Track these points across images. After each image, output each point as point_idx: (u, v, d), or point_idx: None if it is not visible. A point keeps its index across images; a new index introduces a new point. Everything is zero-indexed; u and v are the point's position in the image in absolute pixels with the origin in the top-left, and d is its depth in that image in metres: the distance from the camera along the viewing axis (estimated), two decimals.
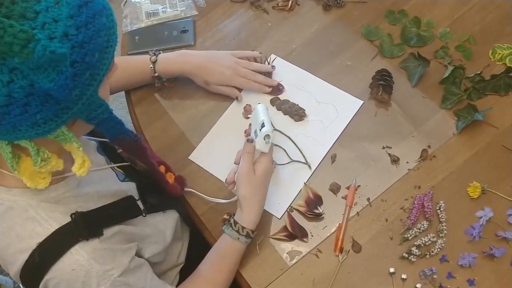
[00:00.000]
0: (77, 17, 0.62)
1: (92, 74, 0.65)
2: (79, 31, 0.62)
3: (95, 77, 0.66)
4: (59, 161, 0.71)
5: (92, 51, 0.64)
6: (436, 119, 1.05)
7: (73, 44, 0.61)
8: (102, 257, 0.75)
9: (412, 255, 0.92)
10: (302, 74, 1.13)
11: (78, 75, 0.63)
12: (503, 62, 1.09)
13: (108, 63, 0.68)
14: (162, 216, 0.94)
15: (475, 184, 0.97)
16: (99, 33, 0.65)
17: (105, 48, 0.66)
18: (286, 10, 1.23)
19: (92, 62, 0.64)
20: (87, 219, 0.76)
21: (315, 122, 1.08)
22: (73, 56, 0.61)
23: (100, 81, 0.67)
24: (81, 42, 0.62)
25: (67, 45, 0.60)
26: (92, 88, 0.66)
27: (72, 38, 0.61)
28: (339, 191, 1.00)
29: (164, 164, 0.98)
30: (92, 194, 0.82)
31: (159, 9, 1.26)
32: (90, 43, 0.63)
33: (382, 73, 1.06)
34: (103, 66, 0.67)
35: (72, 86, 0.62)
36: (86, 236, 0.74)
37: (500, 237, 0.92)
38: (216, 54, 1.13)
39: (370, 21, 1.18)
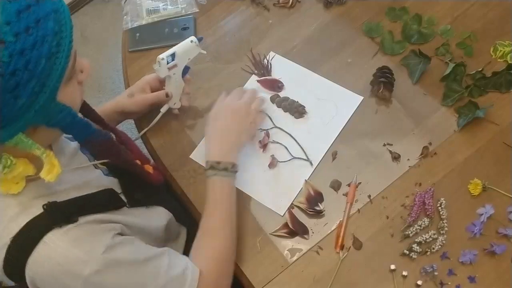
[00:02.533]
0: (15, 23, 0.59)
1: (40, 82, 0.62)
2: (17, 37, 0.59)
3: (45, 86, 0.63)
4: (28, 167, 0.70)
5: (37, 58, 0.61)
6: (437, 116, 1.05)
7: (11, 52, 0.58)
8: (79, 240, 0.72)
9: (413, 252, 0.92)
10: (301, 71, 1.13)
11: (21, 84, 0.60)
12: (504, 59, 1.09)
13: (61, 68, 0.65)
14: (146, 211, 0.92)
15: (476, 181, 0.96)
16: (45, 39, 0.62)
17: (55, 54, 0.63)
18: (287, 7, 1.23)
19: (38, 70, 0.61)
20: (60, 208, 0.74)
21: (315, 119, 1.08)
22: (12, 64, 0.59)
23: (54, 88, 0.65)
24: (20, 49, 0.59)
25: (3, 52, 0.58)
26: (43, 96, 0.63)
27: (9, 45, 0.58)
28: (340, 188, 1.00)
29: (140, 158, 0.95)
30: (71, 188, 0.79)
31: (160, 6, 1.26)
32: (32, 50, 0.60)
33: (383, 70, 1.06)
34: (54, 73, 0.64)
35: (14, 94, 0.60)
36: (59, 223, 0.71)
37: (501, 234, 0.92)
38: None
39: (371, 18, 1.18)
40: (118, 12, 1.32)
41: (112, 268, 0.73)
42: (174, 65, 1.02)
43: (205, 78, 1.16)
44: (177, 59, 1.01)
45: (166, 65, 1.01)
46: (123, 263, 0.75)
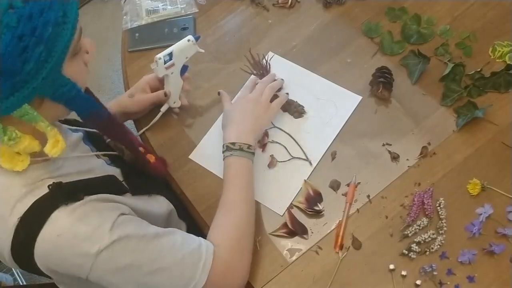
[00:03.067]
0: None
1: (47, 49, 0.64)
2: (26, 3, 0.61)
3: (51, 53, 0.65)
4: (33, 142, 0.71)
5: (44, 25, 0.62)
6: (436, 116, 1.05)
7: (19, 16, 0.61)
8: (87, 216, 0.72)
9: (412, 252, 0.92)
10: (300, 71, 1.13)
11: (29, 49, 0.62)
12: (503, 60, 1.09)
13: (67, 39, 0.66)
14: (147, 199, 0.92)
15: (475, 181, 0.97)
16: (52, 6, 0.63)
17: (61, 24, 0.65)
18: (286, 7, 1.23)
19: (45, 36, 0.63)
20: (66, 187, 0.74)
21: (314, 119, 1.08)
22: (19, 29, 0.61)
23: (60, 58, 0.66)
24: (28, 14, 0.61)
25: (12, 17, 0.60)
26: (49, 64, 0.65)
27: (17, 10, 0.60)
28: (339, 188, 1.00)
29: (143, 146, 0.96)
30: (75, 172, 0.80)
31: (159, 6, 1.26)
32: (40, 17, 0.62)
33: (382, 70, 1.06)
34: (60, 42, 0.65)
35: (22, 58, 0.62)
36: (65, 201, 0.72)
37: (500, 234, 0.92)
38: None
39: (370, 18, 1.18)
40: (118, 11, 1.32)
41: (122, 243, 0.73)
42: (171, 64, 1.02)
43: (205, 78, 1.16)
44: (174, 58, 1.02)
45: (164, 65, 1.01)
46: (133, 238, 0.75)
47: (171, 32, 1.22)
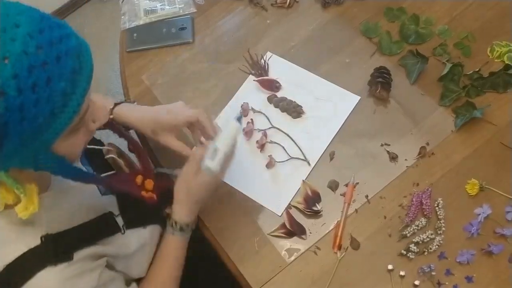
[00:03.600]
0: (23, 79, 0.55)
1: (33, 136, 0.59)
2: (20, 93, 0.55)
3: (38, 139, 0.60)
4: (7, 196, 0.68)
5: (35, 116, 0.57)
6: (435, 116, 1.05)
7: (8, 105, 0.55)
8: (70, 282, 0.73)
9: (410, 252, 0.92)
10: (298, 71, 1.13)
11: (10, 135, 0.57)
12: (501, 60, 1.09)
13: (61, 127, 0.61)
14: (142, 231, 0.92)
15: (473, 181, 0.97)
16: (50, 99, 0.58)
17: (57, 114, 0.59)
18: (285, 7, 1.23)
19: (33, 126, 0.58)
20: (58, 242, 0.73)
21: (313, 119, 1.08)
22: (5, 117, 0.55)
23: (48, 142, 0.62)
24: (19, 104, 0.55)
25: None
26: (35, 147, 0.61)
27: (8, 98, 0.54)
28: (338, 188, 1.00)
29: (141, 173, 0.93)
30: (67, 211, 0.79)
31: (158, 6, 1.26)
32: (32, 108, 0.56)
33: (380, 71, 1.06)
34: (52, 129, 0.60)
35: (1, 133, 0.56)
36: (54, 261, 0.71)
37: (498, 234, 0.92)
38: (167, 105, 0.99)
39: (369, 18, 1.18)
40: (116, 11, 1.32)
41: None
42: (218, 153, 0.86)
43: (203, 78, 1.16)
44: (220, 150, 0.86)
45: (214, 162, 0.85)
46: None
47: (169, 32, 1.22)
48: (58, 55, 0.58)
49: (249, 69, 1.15)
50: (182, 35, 1.21)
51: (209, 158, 0.85)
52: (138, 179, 0.92)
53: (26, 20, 0.57)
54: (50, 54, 0.57)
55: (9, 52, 0.54)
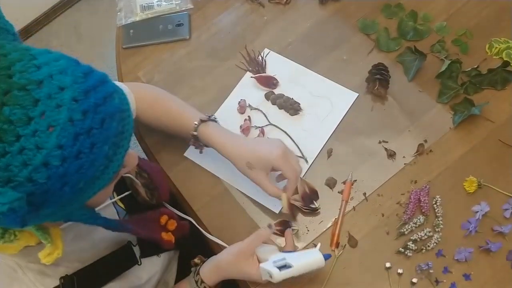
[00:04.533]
0: (69, 148, 0.52)
1: (73, 198, 0.57)
2: (64, 162, 0.53)
3: (77, 200, 0.59)
4: (31, 239, 0.66)
5: (77, 181, 0.55)
6: (433, 113, 1.05)
7: (50, 175, 0.52)
8: None
9: (408, 250, 0.91)
10: (296, 68, 1.13)
11: (50, 202, 0.55)
12: (499, 56, 1.09)
13: (102, 186, 0.60)
14: (156, 260, 0.92)
15: (471, 179, 0.96)
16: (93, 164, 0.56)
17: (98, 176, 0.58)
18: (282, 4, 1.22)
19: (74, 191, 0.56)
20: (76, 282, 0.72)
21: (310, 116, 1.07)
22: (47, 185, 0.53)
23: (85, 200, 0.61)
24: (62, 173, 0.53)
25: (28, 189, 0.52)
26: (71, 207, 0.59)
27: (51, 168, 0.52)
28: (335, 186, 1.00)
29: (167, 213, 0.91)
30: (87, 247, 0.78)
31: (154, 2, 1.25)
32: (75, 174, 0.54)
33: (378, 67, 1.06)
34: (91, 190, 0.59)
35: (36, 210, 0.54)
36: None
37: (496, 232, 0.92)
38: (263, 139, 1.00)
39: (366, 15, 1.18)
40: (112, 8, 1.31)
41: None
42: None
43: (200, 75, 1.15)
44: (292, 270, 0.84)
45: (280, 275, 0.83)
46: None
47: (166, 28, 1.21)
48: (103, 119, 0.55)
49: (246, 66, 1.14)
50: (179, 31, 1.21)
51: (277, 266, 0.83)
52: (163, 219, 0.90)
53: (71, 81, 0.54)
54: (95, 119, 0.55)
55: (55, 122, 0.52)
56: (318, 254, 0.85)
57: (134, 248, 0.87)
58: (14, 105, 0.50)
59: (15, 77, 0.51)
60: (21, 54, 0.54)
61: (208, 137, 0.94)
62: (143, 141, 1.09)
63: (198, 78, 1.15)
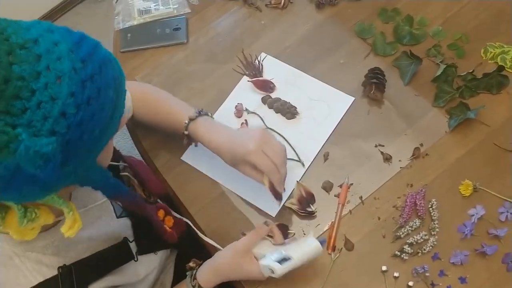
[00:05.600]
0: (79, 94, 0.55)
1: (89, 150, 0.60)
2: (78, 109, 0.55)
3: (92, 152, 0.61)
4: (48, 216, 0.67)
5: (92, 129, 0.58)
6: (429, 117, 1.05)
7: (70, 123, 0.55)
8: None
9: (404, 253, 0.92)
10: (292, 72, 1.13)
11: (71, 154, 0.57)
12: (495, 61, 1.10)
13: (111, 134, 0.63)
14: (153, 257, 0.92)
15: (467, 182, 0.97)
16: (103, 108, 0.58)
17: (108, 123, 0.60)
18: (279, 8, 1.23)
19: (90, 139, 0.58)
20: (74, 273, 0.73)
21: (307, 120, 1.07)
22: (67, 135, 0.55)
23: (99, 152, 0.63)
24: (79, 121, 0.56)
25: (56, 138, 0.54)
26: (88, 161, 0.62)
27: (69, 117, 0.55)
28: (332, 189, 1.00)
29: (164, 208, 0.95)
30: (84, 239, 0.78)
31: (152, 6, 1.25)
32: (90, 121, 0.57)
33: (375, 71, 1.06)
34: (104, 139, 0.62)
35: (61, 167, 0.56)
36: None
37: (492, 235, 0.92)
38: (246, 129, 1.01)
39: (363, 19, 1.18)
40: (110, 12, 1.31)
41: None
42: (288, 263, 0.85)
43: (197, 78, 1.16)
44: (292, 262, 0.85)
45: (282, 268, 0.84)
46: None
47: (164, 32, 1.21)
48: (99, 65, 0.59)
49: (243, 69, 1.15)
50: (177, 35, 1.21)
51: (277, 260, 0.84)
52: (160, 214, 0.92)
53: (61, 36, 0.57)
54: (94, 66, 0.58)
55: (61, 72, 0.54)
56: (314, 241, 0.85)
57: (131, 245, 0.87)
58: (21, 62, 0.52)
59: (12, 39, 0.53)
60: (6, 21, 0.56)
61: (197, 135, 0.95)
62: (140, 144, 1.09)
63: (195, 82, 1.15)
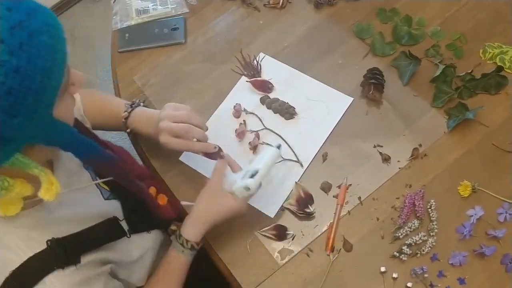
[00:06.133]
0: (9, 40, 0.56)
1: (36, 98, 0.59)
2: (11, 55, 0.56)
3: (41, 102, 0.60)
4: (25, 186, 0.67)
5: (32, 74, 0.58)
6: (427, 117, 1.05)
7: (6, 70, 0.56)
8: (76, 285, 0.73)
9: (403, 254, 0.92)
10: (291, 72, 1.13)
11: (17, 103, 0.57)
12: (493, 61, 1.10)
13: (57, 83, 0.62)
14: (146, 237, 0.92)
15: (466, 183, 0.97)
16: (39, 53, 0.59)
17: (49, 69, 0.60)
18: (277, 8, 1.23)
19: (33, 86, 0.58)
20: (64, 246, 0.73)
21: (305, 120, 1.07)
22: (7, 84, 0.56)
23: (50, 104, 0.62)
24: (15, 67, 0.56)
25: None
26: (40, 112, 0.61)
27: (3, 64, 0.56)
28: (331, 190, 1.00)
29: (155, 185, 0.95)
30: (71, 217, 0.78)
31: (150, 6, 1.25)
32: (27, 67, 0.57)
33: (373, 72, 1.06)
34: (50, 88, 0.61)
35: (9, 117, 0.57)
36: (62, 264, 0.71)
37: (491, 236, 0.92)
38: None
39: (361, 19, 1.18)
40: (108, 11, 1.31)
41: None
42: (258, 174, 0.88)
43: (195, 78, 1.15)
44: (255, 178, 0.88)
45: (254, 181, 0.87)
46: None
47: (161, 32, 1.21)
48: (27, 12, 0.59)
49: (241, 70, 1.14)
50: (175, 35, 1.21)
51: (247, 177, 0.86)
52: (152, 191, 0.92)
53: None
54: (21, 12, 0.59)
55: None
56: (270, 148, 0.92)
57: (122, 223, 0.87)
58: None
59: None
60: None
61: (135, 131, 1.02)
62: (138, 145, 1.09)
63: (193, 82, 1.15)
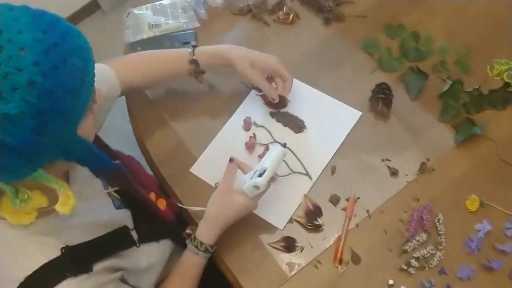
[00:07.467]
0: (44, 63, 0.59)
1: (65, 118, 0.62)
2: (46, 77, 0.58)
3: (69, 120, 0.64)
4: (42, 198, 0.70)
5: (63, 96, 0.61)
6: (435, 132, 1.06)
7: (39, 92, 0.58)
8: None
9: (411, 267, 0.92)
10: (300, 86, 1.14)
11: (47, 123, 0.60)
12: (500, 77, 1.11)
13: (85, 103, 0.65)
14: (155, 246, 0.93)
15: (473, 197, 0.97)
16: (72, 76, 0.62)
17: (79, 90, 0.63)
18: (287, 23, 1.24)
19: (64, 107, 0.61)
20: (77, 254, 0.75)
21: (314, 134, 1.08)
22: (40, 105, 0.58)
23: (76, 123, 0.65)
24: (49, 89, 0.59)
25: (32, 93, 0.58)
26: (67, 130, 0.64)
27: (37, 86, 0.58)
28: (339, 203, 1.01)
29: (155, 191, 0.98)
30: (84, 225, 0.80)
31: (162, 20, 1.27)
32: (59, 89, 0.60)
33: (382, 87, 1.07)
34: (78, 108, 0.64)
35: (39, 136, 0.60)
36: (74, 272, 0.73)
37: (498, 250, 0.93)
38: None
39: (369, 34, 1.20)
40: (119, 24, 1.33)
41: None
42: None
43: (205, 92, 1.17)
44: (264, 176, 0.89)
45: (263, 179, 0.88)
46: None
47: (173, 46, 1.23)
48: (62, 34, 0.62)
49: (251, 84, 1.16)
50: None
51: (256, 176, 0.88)
52: (152, 196, 0.94)
53: (20, 12, 0.61)
54: (56, 35, 0.61)
55: (22, 44, 0.58)
56: (276, 146, 0.94)
57: (132, 232, 0.89)
58: None
59: None
60: None
61: (209, 52, 1.04)
62: (148, 155, 1.10)
63: (204, 95, 1.16)
